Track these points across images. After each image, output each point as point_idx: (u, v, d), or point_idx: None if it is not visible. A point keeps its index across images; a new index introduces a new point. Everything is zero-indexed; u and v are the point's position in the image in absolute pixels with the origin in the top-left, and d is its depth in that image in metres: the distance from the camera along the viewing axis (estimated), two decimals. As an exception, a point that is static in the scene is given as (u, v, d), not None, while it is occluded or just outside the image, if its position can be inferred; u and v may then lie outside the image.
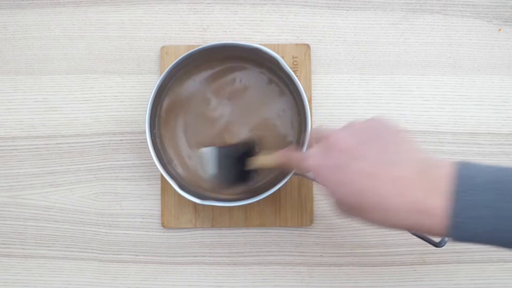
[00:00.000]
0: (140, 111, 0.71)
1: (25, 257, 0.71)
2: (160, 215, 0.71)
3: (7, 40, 0.72)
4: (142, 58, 0.72)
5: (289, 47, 0.71)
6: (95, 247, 0.71)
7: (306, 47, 0.71)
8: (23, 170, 0.71)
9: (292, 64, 0.71)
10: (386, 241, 0.71)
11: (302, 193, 0.70)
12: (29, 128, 0.71)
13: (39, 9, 0.72)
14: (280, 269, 0.71)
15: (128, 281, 0.71)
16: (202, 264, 0.71)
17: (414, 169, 0.41)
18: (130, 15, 0.72)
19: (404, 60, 0.73)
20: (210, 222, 0.70)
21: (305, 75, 0.71)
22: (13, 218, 0.71)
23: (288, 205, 0.70)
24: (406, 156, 0.43)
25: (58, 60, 0.72)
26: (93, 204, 0.71)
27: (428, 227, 0.40)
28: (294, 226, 0.70)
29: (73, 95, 0.72)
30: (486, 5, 0.73)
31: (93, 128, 0.71)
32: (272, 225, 0.70)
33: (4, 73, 0.72)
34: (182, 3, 0.73)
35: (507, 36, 0.73)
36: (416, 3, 0.73)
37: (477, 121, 0.72)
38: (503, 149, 0.72)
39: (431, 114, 0.72)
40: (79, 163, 0.71)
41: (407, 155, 0.43)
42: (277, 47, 0.71)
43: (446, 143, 0.71)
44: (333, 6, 0.73)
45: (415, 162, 0.42)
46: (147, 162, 0.71)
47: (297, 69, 0.71)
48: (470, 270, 0.71)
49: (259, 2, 0.73)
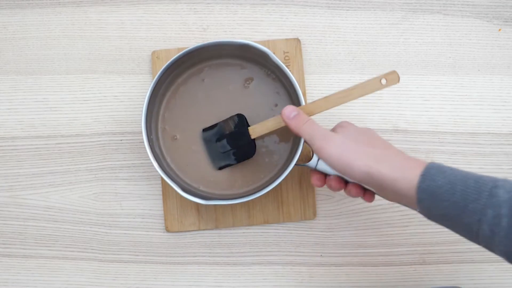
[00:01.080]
0: (140, 111, 0.71)
1: (25, 257, 0.71)
2: (159, 215, 0.71)
3: (7, 40, 0.72)
4: (142, 58, 0.72)
5: (280, 42, 0.71)
6: (95, 247, 0.71)
7: (297, 42, 0.71)
8: (23, 170, 0.71)
9: (284, 59, 0.71)
10: (386, 241, 0.71)
11: (303, 186, 0.70)
12: (29, 128, 0.71)
13: (39, 9, 0.72)
14: (280, 269, 0.71)
15: (128, 281, 0.71)
16: (202, 264, 0.71)
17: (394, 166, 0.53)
18: (130, 15, 0.72)
19: (404, 60, 0.73)
20: (214, 223, 0.70)
21: (298, 69, 0.71)
22: (13, 218, 0.71)
23: (290, 200, 0.70)
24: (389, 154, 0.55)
25: (58, 60, 0.72)
26: (93, 204, 0.71)
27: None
28: (298, 221, 0.70)
29: (73, 95, 0.72)
30: (486, 5, 0.73)
31: (93, 128, 0.71)
32: (275, 221, 0.70)
33: (4, 73, 0.72)
34: (182, 3, 0.73)
35: (507, 36, 0.73)
36: (416, 3, 0.73)
37: (477, 121, 0.72)
38: (503, 149, 0.72)
39: (431, 114, 0.72)
40: (79, 163, 0.71)
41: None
42: (267, 43, 0.71)
43: (446, 143, 0.71)
44: (333, 6, 0.73)
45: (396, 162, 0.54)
46: (147, 162, 0.71)
47: (289, 64, 0.71)
48: (470, 270, 0.71)
49: (259, 2, 0.73)
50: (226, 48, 0.67)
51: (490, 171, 0.71)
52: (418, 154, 0.71)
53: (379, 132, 0.71)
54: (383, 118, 0.72)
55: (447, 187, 0.48)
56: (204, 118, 0.69)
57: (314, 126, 0.58)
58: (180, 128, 0.69)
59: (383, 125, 0.71)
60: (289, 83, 0.66)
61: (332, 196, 0.71)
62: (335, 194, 0.71)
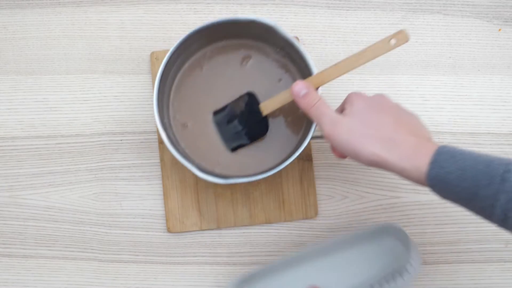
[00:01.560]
0: (140, 111, 0.71)
1: (25, 257, 0.71)
2: (159, 215, 0.71)
3: (7, 40, 0.72)
4: (142, 58, 0.72)
5: None
6: (95, 247, 0.71)
7: (297, 41, 0.71)
8: (23, 170, 0.71)
9: None
10: (386, 241, 0.71)
11: (305, 185, 0.70)
12: (29, 128, 0.71)
13: (39, 9, 0.72)
14: (280, 269, 0.71)
15: (128, 281, 0.71)
16: (202, 264, 0.71)
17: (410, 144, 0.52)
18: (130, 15, 0.72)
19: (404, 60, 0.73)
20: (216, 223, 0.70)
21: None
22: (13, 218, 0.71)
23: (291, 199, 0.70)
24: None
25: (58, 60, 0.72)
26: (93, 204, 0.71)
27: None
28: (300, 219, 0.70)
29: (73, 95, 0.72)
30: (486, 5, 0.73)
31: (93, 128, 0.71)
32: (277, 221, 0.70)
33: (4, 73, 0.72)
34: (182, 3, 0.73)
35: (507, 36, 0.73)
36: (416, 3, 0.73)
37: (477, 121, 0.72)
38: (503, 149, 0.72)
39: (431, 114, 0.72)
40: (79, 163, 0.71)
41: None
42: None
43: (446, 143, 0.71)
44: (333, 6, 0.73)
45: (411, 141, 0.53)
46: (147, 162, 0.71)
47: None
48: (470, 270, 0.71)
49: (259, 2, 0.73)
50: (229, 27, 0.65)
51: (490, 171, 0.71)
52: (418, 154, 0.71)
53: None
54: (383, 118, 0.72)
55: (457, 174, 0.48)
56: (213, 102, 0.68)
57: (322, 108, 0.57)
58: (190, 116, 0.68)
59: (383, 125, 0.71)
60: (298, 56, 0.64)
61: (332, 196, 0.71)
62: (335, 194, 0.71)
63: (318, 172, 0.71)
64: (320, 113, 0.56)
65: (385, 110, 0.56)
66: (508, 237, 0.71)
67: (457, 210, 0.70)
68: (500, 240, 0.71)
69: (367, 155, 0.53)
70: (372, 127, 0.54)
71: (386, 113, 0.55)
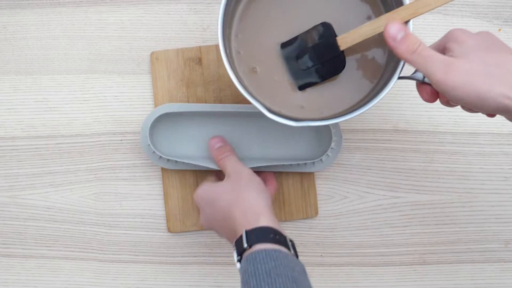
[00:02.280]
0: (140, 111, 0.71)
1: (25, 257, 0.71)
2: (159, 215, 0.71)
3: (7, 40, 0.72)
4: (142, 58, 0.72)
5: None
6: (95, 247, 0.71)
7: None
8: (23, 170, 0.71)
9: None
10: (386, 241, 0.71)
11: (305, 184, 0.70)
12: (29, 128, 0.71)
13: (39, 9, 0.72)
14: (280, 269, 0.71)
15: (128, 281, 0.71)
16: (202, 264, 0.71)
17: None
18: (130, 15, 0.72)
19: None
20: (212, 222, 0.70)
21: None
22: (13, 218, 0.71)
23: (292, 199, 0.70)
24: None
25: (58, 60, 0.72)
26: (93, 204, 0.71)
27: None
28: (300, 219, 0.70)
29: (73, 95, 0.72)
30: (486, 5, 0.73)
31: (93, 128, 0.71)
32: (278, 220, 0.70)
33: (4, 73, 0.72)
34: (182, 3, 0.73)
35: (507, 36, 0.73)
36: (416, 3, 0.73)
37: (477, 121, 0.72)
38: (503, 149, 0.72)
39: (431, 114, 0.72)
40: (79, 163, 0.71)
41: None
42: None
43: (446, 143, 0.71)
44: None
45: None
46: (147, 162, 0.71)
47: None
48: (470, 270, 0.71)
49: (259, 2, 0.73)
50: None
51: (490, 171, 0.71)
52: (418, 154, 0.71)
53: (379, 132, 0.71)
54: (383, 118, 0.72)
55: None
56: (282, 36, 0.59)
57: (428, 52, 0.49)
58: (256, 52, 0.60)
59: (383, 125, 0.71)
60: None
61: (332, 196, 0.71)
62: (335, 194, 0.71)
63: (318, 172, 0.71)
64: (426, 58, 0.49)
65: (506, 49, 0.50)
66: (508, 237, 0.71)
67: (457, 210, 0.70)
68: (500, 240, 0.71)
69: (495, 97, 0.46)
70: (498, 66, 0.47)
71: (507, 52, 0.49)
